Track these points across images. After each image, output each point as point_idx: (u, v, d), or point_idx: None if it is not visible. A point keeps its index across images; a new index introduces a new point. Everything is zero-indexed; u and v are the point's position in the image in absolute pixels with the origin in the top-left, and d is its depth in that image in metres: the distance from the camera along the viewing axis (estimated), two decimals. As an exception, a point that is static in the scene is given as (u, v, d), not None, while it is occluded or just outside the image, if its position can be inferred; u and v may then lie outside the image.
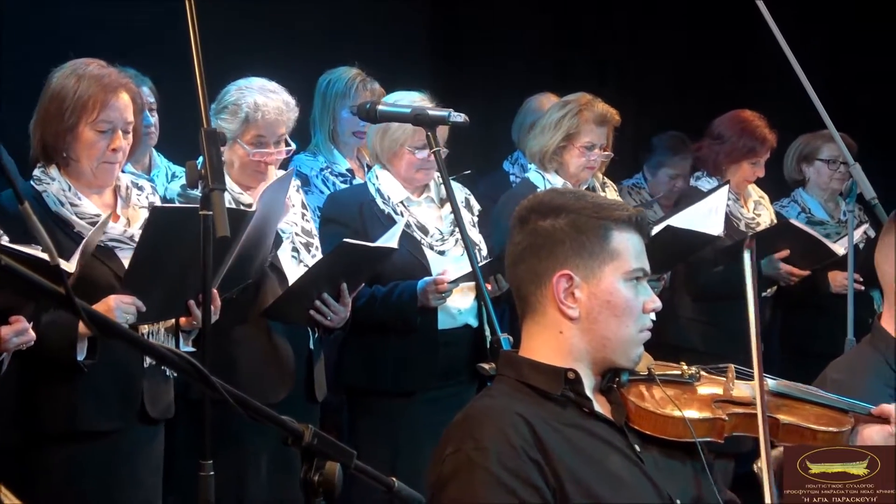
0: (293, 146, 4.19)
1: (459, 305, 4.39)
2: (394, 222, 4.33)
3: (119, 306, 3.35)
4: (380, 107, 3.70)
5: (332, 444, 1.94)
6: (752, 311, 2.68)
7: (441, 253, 4.38)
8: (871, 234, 5.80)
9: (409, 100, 4.23)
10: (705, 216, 4.86)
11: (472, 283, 4.27)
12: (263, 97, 4.05)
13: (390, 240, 4.10)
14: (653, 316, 2.57)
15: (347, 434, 4.59)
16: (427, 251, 4.39)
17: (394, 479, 2.07)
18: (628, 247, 2.53)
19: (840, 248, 5.20)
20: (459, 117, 3.64)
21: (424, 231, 4.40)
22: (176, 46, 2.98)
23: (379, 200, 4.40)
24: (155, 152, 4.87)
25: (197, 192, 2.89)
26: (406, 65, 5.66)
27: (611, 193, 5.16)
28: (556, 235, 2.50)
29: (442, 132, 4.04)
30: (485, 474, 2.31)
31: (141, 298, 3.39)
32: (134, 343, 1.82)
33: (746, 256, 2.71)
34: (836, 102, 6.41)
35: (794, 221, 5.43)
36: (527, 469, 2.32)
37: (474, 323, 4.44)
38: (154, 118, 4.71)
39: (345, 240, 4.00)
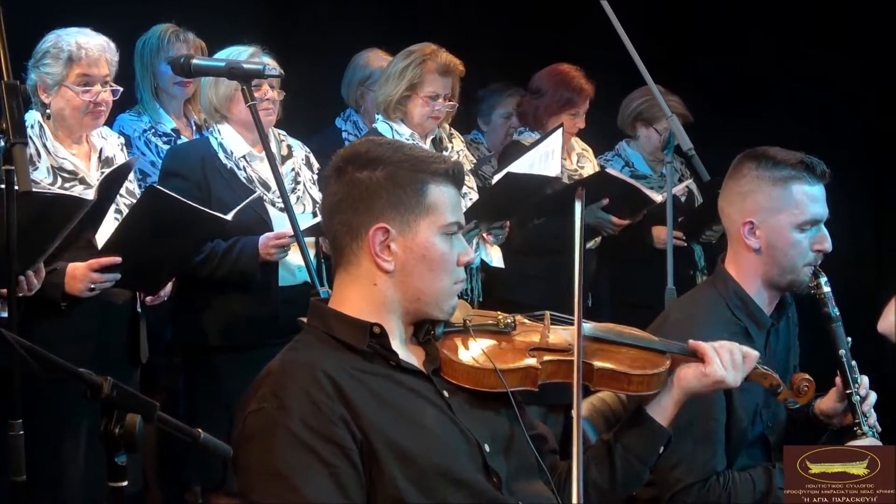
0: (120, 88, 4.12)
1: (299, 262, 4.35)
2: (236, 177, 4.34)
3: None
4: (193, 61, 3.68)
5: (132, 395, 1.93)
6: (578, 260, 2.65)
7: (282, 209, 4.34)
8: (694, 188, 5.95)
9: (241, 53, 4.23)
10: (542, 160, 4.92)
11: (311, 240, 4.27)
12: (84, 37, 4.02)
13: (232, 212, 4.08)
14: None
15: (183, 394, 4.56)
16: (269, 207, 4.38)
17: (199, 430, 2.06)
18: (444, 200, 2.53)
19: (659, 196, 5.31)
20: (275, 71, 3.63)
21: (266, 187, 4.40)
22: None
23: (221, 155, 4.39)
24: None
25: None
26: (233, 23, 5.57)
27: (458, 144, 5.21)
28: (373, 188, 2.49)
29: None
30: (286, 434, 2.30)
31: None
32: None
33: (577, 206, 2.67)
34: (674, 61, 6.61)
35: (610, 170, 5.51)
36: (330, 427, 2.32)
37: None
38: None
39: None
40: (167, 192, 3.88)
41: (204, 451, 2.06)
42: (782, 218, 3.25)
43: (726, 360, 2.73)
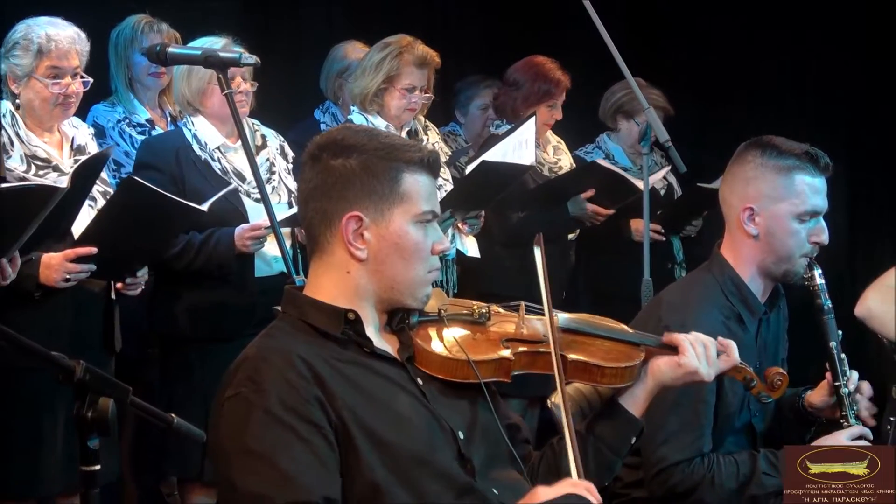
0: (90, 79, 4.11)
1: (275, 253, 4.34)
2: (210, 169, 4.34)
3: None
4: (170, 49, 3.67)
5: (105, 379, 1.93)
6: (546, 306, 2.64)
7: (258, 200, 4.34)
8: (674, 181, 5.96)
9: (215, 43, 4.21)
10: (516, 149, 4.91)
11: (287, 230, 4.26)
12: (54, 28, 4.01)
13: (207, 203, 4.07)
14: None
15: (159, 386, 4.54)
16: (244, 198, 4.38)
17: (173, 415, 2.06)
18: (419, 189, 2.52)
19: (642, 184, 5.32)
20: (251, 59, 3.63)
21: (241, 178, 4.39)
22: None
23: (195, 146, 4.38)
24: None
25: None
26: (213, 14, 5.55)
27: (433, 136, 5.21)
28: (347, 176, 2.48)
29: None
30: (263, 415, 2.30)
31: None
32: None
33: (536, 252, 2.67)
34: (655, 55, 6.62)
35: (599, 161, 5.52)
36: (308, 407, 2.32)
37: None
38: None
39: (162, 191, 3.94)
40: (144, 182, 3.87)
41: (178, 436, 2.06)
42: (783, 207, 3.28)
43: (699, 352, 2.72)
